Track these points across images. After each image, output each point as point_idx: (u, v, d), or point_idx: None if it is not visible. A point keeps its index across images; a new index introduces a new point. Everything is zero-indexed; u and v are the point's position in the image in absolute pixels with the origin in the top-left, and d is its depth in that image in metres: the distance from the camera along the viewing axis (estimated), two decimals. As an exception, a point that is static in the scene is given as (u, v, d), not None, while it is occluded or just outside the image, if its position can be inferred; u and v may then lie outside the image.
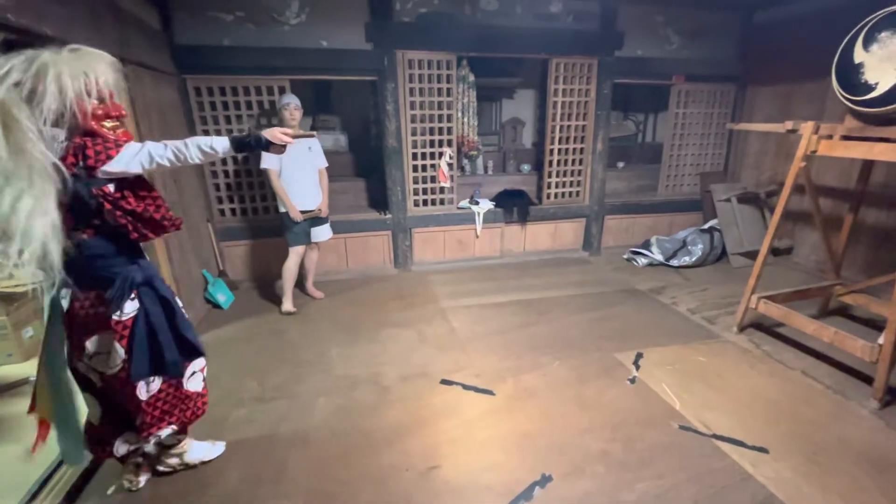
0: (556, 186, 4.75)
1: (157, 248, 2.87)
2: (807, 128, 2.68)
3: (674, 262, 4.44)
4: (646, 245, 4.64)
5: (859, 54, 2.34)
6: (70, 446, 1.65)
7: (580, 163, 4.72)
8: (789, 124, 2.80)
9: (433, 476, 1.91)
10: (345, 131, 4.83)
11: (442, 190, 4.46)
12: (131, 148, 1.48)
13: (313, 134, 2.03)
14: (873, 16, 2.29)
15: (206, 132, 3.80)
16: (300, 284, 3.75)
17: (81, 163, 1.42)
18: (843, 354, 2.69)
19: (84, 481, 1.91)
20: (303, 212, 3.31)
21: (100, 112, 1.45)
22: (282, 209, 3.31)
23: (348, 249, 4.36)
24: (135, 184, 1.54)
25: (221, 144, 1.61)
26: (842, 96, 2.45)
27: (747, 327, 3.16)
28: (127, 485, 1.84)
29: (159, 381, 1.67)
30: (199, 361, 1.81)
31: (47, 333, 1.58)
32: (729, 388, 2.50)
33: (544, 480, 1.87)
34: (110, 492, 1.85)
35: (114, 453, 1.75)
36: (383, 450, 2.06)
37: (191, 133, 3.70)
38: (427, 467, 1.96)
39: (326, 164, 3.50)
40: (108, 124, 1.49)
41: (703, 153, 5.09)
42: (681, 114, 4.87)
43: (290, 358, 2.87)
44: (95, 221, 1.49)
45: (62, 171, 1.35)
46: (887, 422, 2.21)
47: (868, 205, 3.72)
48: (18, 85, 1.28)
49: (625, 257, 4.76)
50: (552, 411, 2.32)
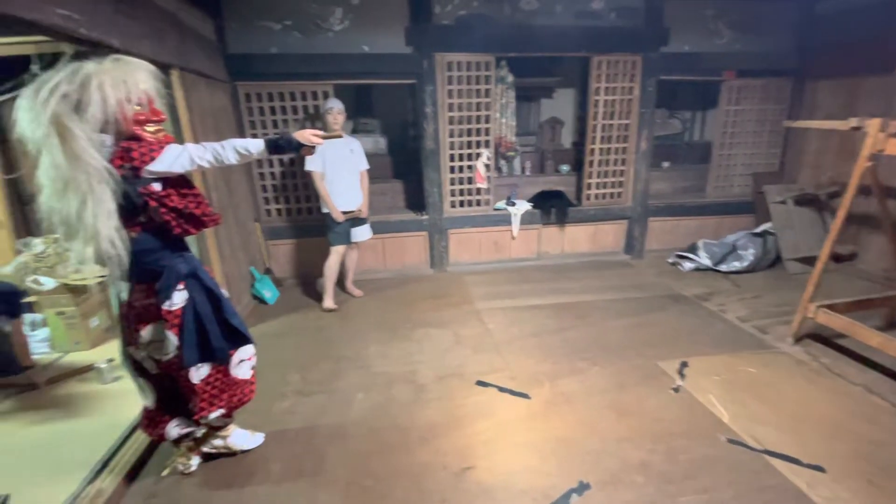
0: (597, 187, 4.64)
1: (210, 245, 3.04)
2: (873, 125, 2.49)
3: (722, 268, 4.23)
4: (692, 249, 4.45)
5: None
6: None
7: (622, 163, 4.58)
8: (854, 121, 2.61)
9: (467, 477, 1.92)
10: (384, 134, 4.92)
11: (478, 191, 4.46)
12: (173, 150, 1.59)
13: (341, 135, 2.07)
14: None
15: (254, 136, 3.99)
16: (340, 283, 3.86)
17: (128, 165, 1.52)
18: (914, 370, 2.48)
19: (144, 460, 2.06)
20: (344, 212, 3.41)
21: (141, 117, 1.56)
22: (324, 210, 3.42)
23: (386, 249, 4.44)
24: (177, 183, 1.65)
25: (256, 146, 1.70)
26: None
27: (804, 338, 2.96)
28: (181, 467, 1.96)
29: (208, 367, 1.77)
30: (247, 350, 1.91)
31: (120, 326, 1.75)
32: (783, 402, 2.36)
33: (582, 488, 1.84)
34: (165, 473, 1.98)
35: (166, 436, 1.88)
36: (419, 448, 2.09)
37: (240, 136, 3.89)
38: (461, 468, 1.97)
39: (367, 167, 3.59)
40: (150, 128, 1.59)
41: (755, 152, 4.81)
42: (732, 111, 4.63)
43: (331, 354, 2.97)
44: (142, 219, 1.60)
45: (115, 174, 1.47)
46: (965, 446, 2.02)
47: (946, 208, 3.40)
48: (67, 96, 1.39)
49: (669, 261, 4.58)
50: (590, 418, 2.27)
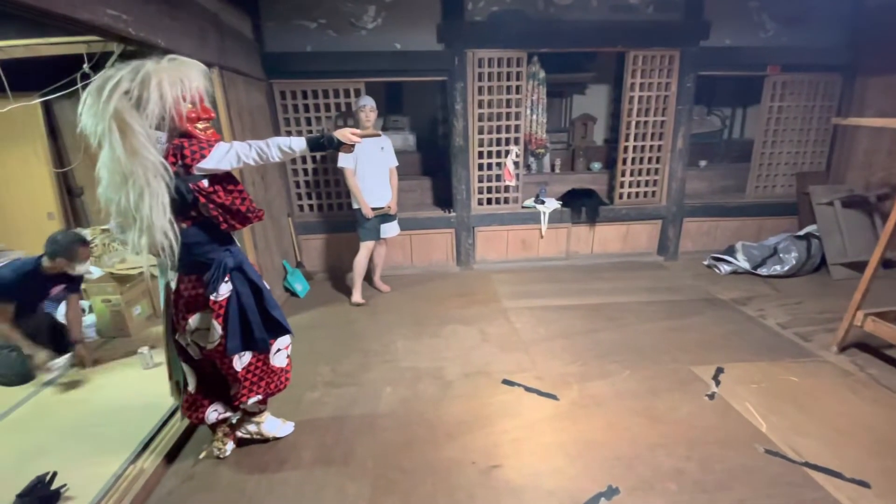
0: (630, 186, 4.53)
1: (246, 238, 3.14)
2: (937, 122, 2.33)
3: (762, 271, 4.06)
4: (730, 251, 4.29)
5: None
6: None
7: (657, 161, 4.46)
8: (914, 119, 2.45)
9: (495, 475, 1.92)
10: (413, 131, 4.95)
11: (507, 189, 4.43)
12: (221, 147, 1.64)
13: (379, 133, 2.10)
14: None
15: (288, 133, 4.08)
16: (368, 278, 3.91)
17: (180, 161, 1.59)
18: (974, 386, 2.32)
19: (182, 443, 2.15)
20: (374, 209, 3.45)
21: (193, 115, 1.62)
22: (355, 206, 3.47)
23: (413, 246, 4.47)
24: (224, 179, 1.71)
25: (299, 144, 1.74)
26: None
27: (849, 347, 2.82)
28: (216, 451, 2.04)
29: (249, 355, 1.85)
30: (285, 339, 1.98)
31: (166, 314, 1.84)
32: (825, 414, 2.25)
33: (611, 492, 1.80)
34: (202, 456, 2.06)
35: (205, 420, 1.96)
36: (445, 444, 2.10)
37: (275, 133, 3.99)
38: (488, 465, 1.96)
39: (397, 164, 3.62)
40: (200, 126, 1.65)
41: (800, 151, 4.59)
42: (775, 108, 4.42)
43: (359, 347, 3.01)
44: (192, 213, 1.68)
45: (169, 170, 1.54)
46: None
47: None
48: (128, 93, 1.46)
49: (705, 263, 4.43)
50: (620, 422, 2.23)
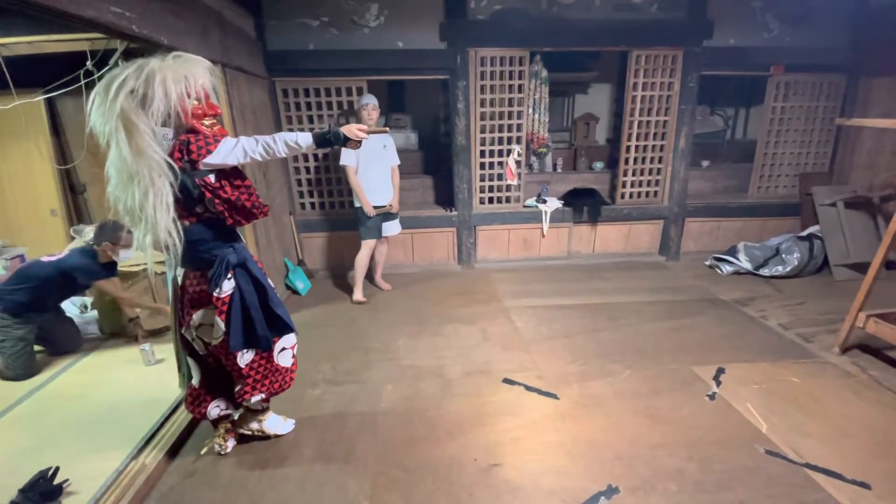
0: (632, 185, 4.52)
1: (247, 236, 3.14)
2: (941, 123, 2.32)
3: (764, 272, 4.05)
4: (732, 251, 4.28)
5: None
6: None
7: (660, 161, 4.45)
8: (918, 119, 2.44)
9: (495, 473, 1.92)
10: (415, 129, 4.94)
11: (508, 188, 4.43)
12: (228, 142, 1.65)
13: (386, 130, 2.10)
14: None
15: (290, 131, 4.08)
16: (370, 276, 3.92)
17: (186, 157, 1.59)
18: (977, 388, 2.31)
19: (184, 439, 2.16)
20: (376, 207, 3.45)
21: (199, 111, 1.62)
22: (357, 204, 3.47)
23: (415, 244, 4.47)
24: (230, 175, 1.71)
25: (305, 140, 1.74)
26: None
27: (851, 348, 2.81)
28: (217, 448, 2.04)
29: (252, 352, 1.85)
30: (290, 338, 1.98)
31: (174, 308, 1.86)
32: (826, 415, 2.25)
33: (610, 492, 1.81)
34: (203, 452, 2.07)
35: (206, 415, 1.97)
36: (446, 442, 2.11)
37: (277, 131, 3.99)
38: (489, 464, 1.97)
39: (399, 162, 3.62)
40: (207, 122, 1.66)
41: (803, 152, 4.58)
42: (779, 108, 4.41)
43: (361, 345, 3.02)
44: (198, 209, 1.68)
45: (174, 167, 1.54)
46: None
47: None
48: (133, 92, 1.46)
49: (707, 264, 4.42)
50: (621, 422, 2.23)
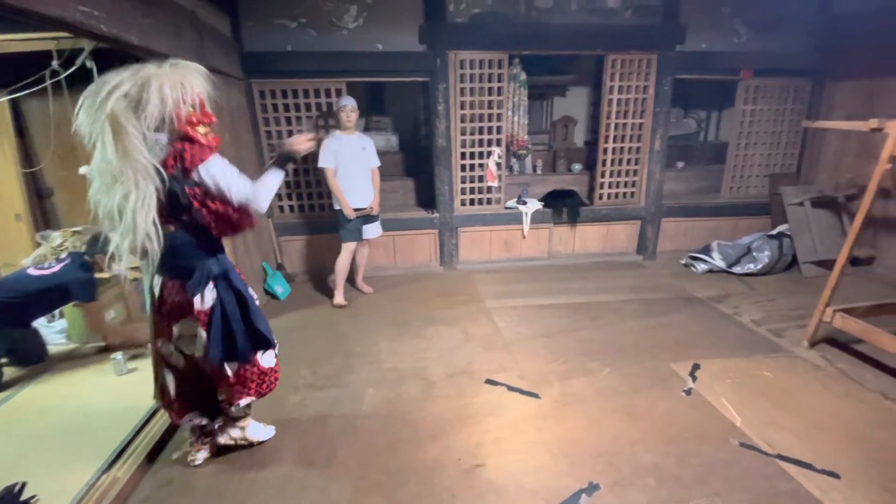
0: (610, 187, 4.60)
1: (224, 240, 3.07)
2: (894, 126, 2.44)
3: (737, 270, 4.17)
4: (706, 250, 4.40)
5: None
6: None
7: (636, 162, 4.54)
8: (874, 122, 2.55)
9: (478, 474, 1.92)
10: (396, 132, 4.94)
11: (489, 189, 4.45)
12: (221, 163, 1.60)
13: (320, 137, 2.04)
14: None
15: (268, 133, 4.03)
16: (351, 279, 3.89)
17: (179, 164, 1.57)
18: (934, 377, 2.43)
19: (160, 447, 2.10)
20: (356, 209, 3.43)
21: (194, 119, 1.61)
22: (336, 206, 3.44)
23: (396, 247, 4.46)
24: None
25: (276, 178, 1.74)
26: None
27: (820, 342, 2.92)
28: (189, 458, 2.00)
29: (235, 363, 1.81)
30: (269, 352, 1.94)
31: (151, 320, 1.79)
32: (797, 407, 2.32)
33: (591, 489, 1.83)
34: (175, 457, 2.03)
35: (181, 424, 1.94)
36: (428, 444, 2.10)
37: (254, 134, 3.93)
38: (471, 465, 1.97)
39: (379, 164, 3.61)
40: (201, 129, 1.64)
41: (772, 153, 4.74)
42: (748, 111, 4.56)
43: (341, 349, 2.99)
44: (184, 217, 1.64)
45: (161, 173, 1.52)
46: None
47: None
48: (127, 96, 1.45)
49: (682, 262, 4.53)
50: (601, 419, 2.26)
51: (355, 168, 3.42)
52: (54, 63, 2.54)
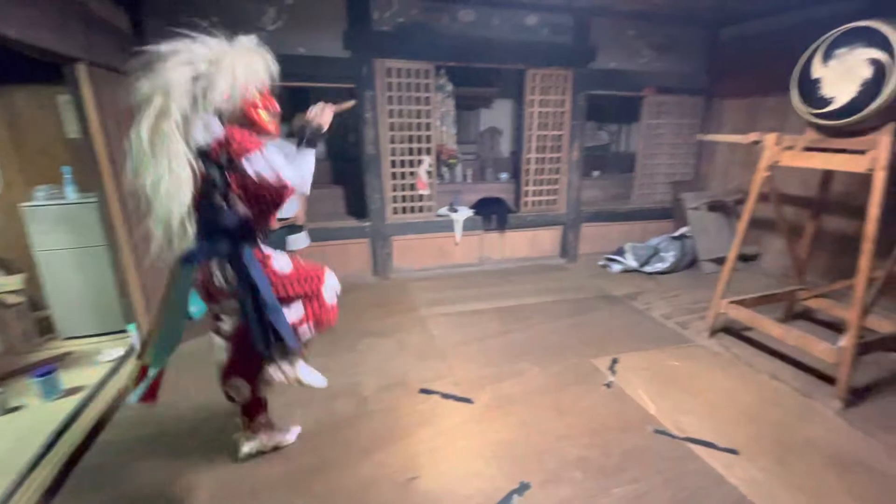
0: (534, 195, 4.82)
1: (126, 260, 2.77)
2: (770, 139, 2.81)
3: (647, 269, 4.55)
4: (620, 252, 4.75)
5: (817, 70, 2.46)
6: (162, 356, 1.75)
7: (557, 172, 4.80)
8: (754, 136, 2.93)
9: (412, 487, 1.89)
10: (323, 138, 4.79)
11: (421, 198, 4.47)
12: (266, 156, 1.54)
13: (352, 103, 2.05)
14: (831, 33, 2.42)
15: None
16: (276, 294, 3.68)
17: (225, 150, 1.52)
18: (807, 357, 2.80)
19: (55, 489, 1.82)
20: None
21: (259, 104, 1.61)
22: (257, 217, 3.25)
23: (326, 257, 4.30)
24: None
25: (312, 156, 1.73)
26: (802, 110, 2.57)
27: (718, 332, 3.25)
28: (249, 447, 2.00)
29: (299, 304, 1.74)
30: (332, 279, 1.89)
31: (172, 292, 1.69)
32: (701, 392, 2.57)
33: (522, 488, 1.87)
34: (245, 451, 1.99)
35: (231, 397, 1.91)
36: (362, 461, 2.03)
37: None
38: (406, 478, 1.93)
39: (303, 172, 3.47)
40: (265, 115, 1.64)
41: (674, 163, 5.25)
42: (652, 125, 5.02)
43: (266, 369, 2.81)
44: (221, 203, 1.57)
45: (194, 161, 1.45)
46: (850, 421, 2.30)
47: (829, 213, 3.90)
48: (196, 72, 1.44)
49: (600, 264, 4.85)
50: (531, 418, 2.33)
51: (278, 176, 3.25)
52: None
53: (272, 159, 1.56)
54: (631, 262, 4.60)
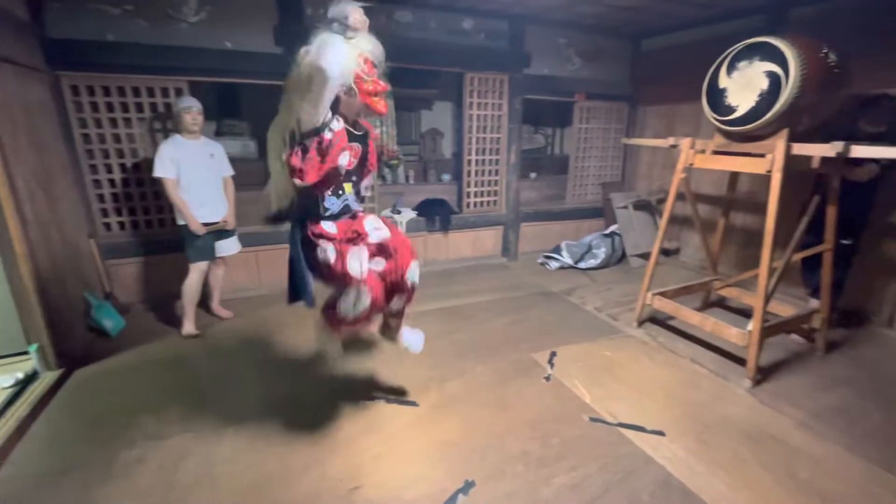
0: (475, 196, 4.89)
1: (22, 271, 2.45)
2: (685, 143, 3.05)
3: (581, 265, 4.78)
4: (557, 250, 4.95)
5: (723, 80, 2.71)
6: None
7: (496, 173, 4.91)
8: (671, 140, 3.16)
9: (355, 497, 1.83)
10: (255, 137, 4.56)
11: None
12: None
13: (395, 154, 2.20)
14: (734, 47, 2.67)
15: (85, 136, 3.37)
16: (204, 304, 3.44)
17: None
18: (722, 341, 3.06)
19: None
20: (205, 224, 3.04)
21: (372, 87, 1.73)
22: (180, 221, 3.01)
23: (261, 263, 4.09)
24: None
25: None
26: (710, 117, 2.81)
27: (645, 322, 3.48)
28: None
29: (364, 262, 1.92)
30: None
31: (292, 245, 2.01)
32: (632, 379, 2.73)
33: (467, 487, 1.88)
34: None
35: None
36: (301, 477, 1.94)
37: (65, 138, 3.25)
38: (348, 489, 1.87)
39: (233, 173, 3.27)
40: (376, 98, 1.76)
41: (603, 165, 5.57)
42: (583, 129, 5.29)
43: (194, 386, 2.61)
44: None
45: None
46: (759, 399, 2.54)
47: (736, 210, 4.32)
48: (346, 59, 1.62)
49: (539, 262, 5.02)
50: (475, 416, 2.35)
51: (204, 177, 3.04)
52: None
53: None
54: (567, 259, 4.81)
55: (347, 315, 1.91)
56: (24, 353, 2.62)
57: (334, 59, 1.56)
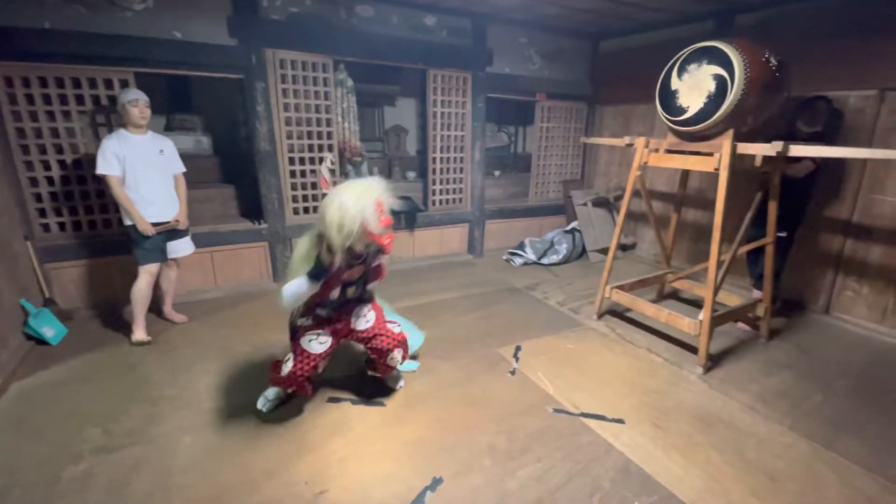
0: (441, 193, 4.89)
1: None
2: (640, 142, 3.17)
3: (544, 261, 4.88)
4: (521, 246, 5.03)
5: (675, 82, 2.83)
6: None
7: (461, 171, 4.93)
8: (627, 139, 3.28)
9: (321, 501, 1.80)
10: (208, 132, 4.37)
11: (324, 197, 4.27)
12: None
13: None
14: (684, 51, 2.79)
15: (20, 131, 3.11)
16: (155, 308, 3.27)
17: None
18: (675, 331, 3.22)
19: None
20: (155, 224, 2.88)
21: (379, 231, 1.92)
22: (127, 222, 2.84)
23: (216, 264, 3.93)
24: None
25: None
26: (663, 117, 2.93)
27: (604, 314, 3.60)
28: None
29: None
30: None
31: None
32: (592, 370, 2.82)
33: (435, 484, 1.89)
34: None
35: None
36: (263, 484, 1.88)
37: (-5, 130, 2.99)
38: (314, 493, 1.83)
39: (184, 169, 3.12)
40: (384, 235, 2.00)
41: (564, 163, 5.70)
42: (545, 128, 5.39)
43: (146, 395, 2.47)
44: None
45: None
46: (710, 384, 2.69)
47: (688, 206, 4.54)
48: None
49: (504, 258, 5.09)
50: (442, 413, 2.36)
51: (152, 175, 2.88)
52: None
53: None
54: (530, 255, 4.90)
55: (283, 370, 2.21)
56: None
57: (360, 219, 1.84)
